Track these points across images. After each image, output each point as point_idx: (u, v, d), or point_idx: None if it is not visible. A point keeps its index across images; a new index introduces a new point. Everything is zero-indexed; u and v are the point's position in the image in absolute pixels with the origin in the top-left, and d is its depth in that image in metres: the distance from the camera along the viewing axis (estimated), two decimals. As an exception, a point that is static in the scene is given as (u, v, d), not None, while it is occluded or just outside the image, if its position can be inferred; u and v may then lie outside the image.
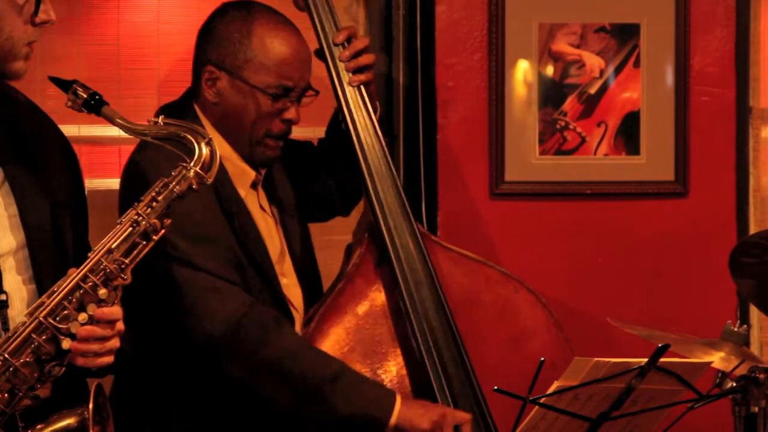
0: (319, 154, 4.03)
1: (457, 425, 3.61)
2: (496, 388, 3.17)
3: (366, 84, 3.82)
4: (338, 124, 3.89)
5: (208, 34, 3.74)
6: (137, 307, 3.14)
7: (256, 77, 3.67)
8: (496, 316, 3.86)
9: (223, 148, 3.66)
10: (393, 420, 3.56)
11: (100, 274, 2.90)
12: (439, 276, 3.81)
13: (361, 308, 3.79)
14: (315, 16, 3.81)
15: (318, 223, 4.07)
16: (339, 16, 3.86)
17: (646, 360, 3.08)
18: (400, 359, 3.76)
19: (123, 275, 2.93)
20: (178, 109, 3.60)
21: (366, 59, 3.83)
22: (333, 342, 3.72)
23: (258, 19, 3.71)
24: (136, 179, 3.39)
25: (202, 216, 3.56)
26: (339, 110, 3.85)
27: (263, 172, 3.80)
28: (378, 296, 3.81)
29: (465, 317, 3.79)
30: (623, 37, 4.47)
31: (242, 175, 3.74)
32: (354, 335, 3.75)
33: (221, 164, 3.58)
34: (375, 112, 3.83)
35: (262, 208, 3.79)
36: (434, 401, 3.70)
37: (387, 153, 3.82)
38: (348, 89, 3.81)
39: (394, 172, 3.83)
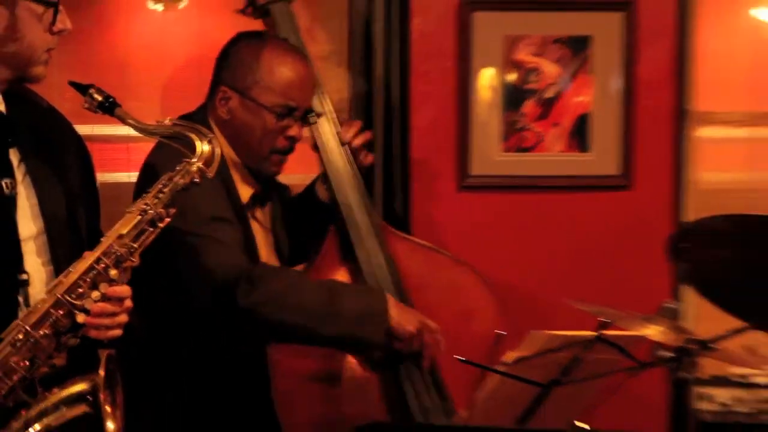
0: (294, 207, 4.03)
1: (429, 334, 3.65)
2: (462, 359, 3.20)
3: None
4: (314, 194, 3.92)
5: (223, 58, 3.77)
6: (148, 287, 3.15)
7: (264, 97, 3.70)
8: (446, 296, 3.88)
9: (233, 158, 3.73)
10: (391, 313, 3.59)
11: (112, 257, 2.92)
12: (396, 262, 3.83)
13: None
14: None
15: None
16: (307, 36, 3.95)
17: (593, 333, 3.13)
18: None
19: (132, 258, 2.95)
20: (195, 120, 3.62)
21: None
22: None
23: (267, 46, 3.75)
24: (149, 176, 3.40)
25: (220, 204, 3.61)
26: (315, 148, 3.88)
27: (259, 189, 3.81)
28: (342, 278, 3.83)
29: (419, 297, 3.81)
30: (577, 47, 4.50)
31: (245, 186, 3.76)
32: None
33: (229, 170, 3.64)
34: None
35: (256, 218, 3.81)
36: (397, 372, 3.72)
37: (351, 159, 3.86)
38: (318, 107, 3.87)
39: (358, 174, 3.86)
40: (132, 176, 3.65)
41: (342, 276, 3.83)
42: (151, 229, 2.98)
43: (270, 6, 3.89)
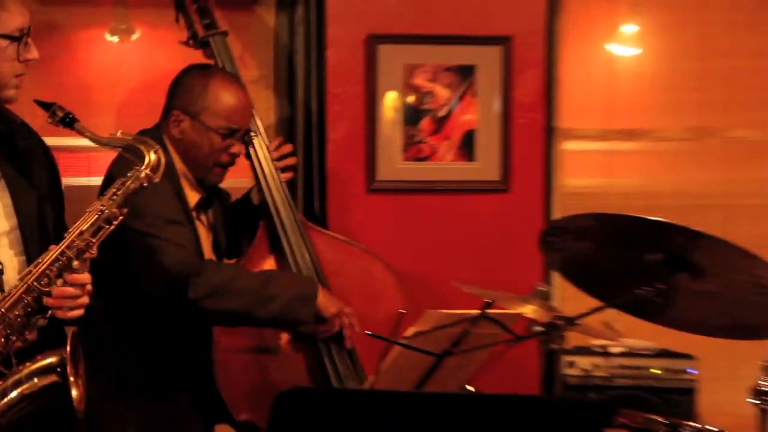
0: (233, 211, 3.99)
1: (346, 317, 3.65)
2: (370, 333, 3.22)
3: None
4: (249, 200, 3.91)
5: (176, 85, 3.72)
6: (106, 274, 3.13)
7: (211, 121, 3.65)
8: (357, 282, 3.86)
9: (182, 169, 3.69)
10: (319, 296, 3.58)
11: (74, 250, 2.90)
12: (316, 252, 3.82)
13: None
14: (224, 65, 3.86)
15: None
16: (240, 64, 3.93)
17: (478, 312, 3.13)
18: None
19: (91, 250, 2.93)
20: (151, 136, 3.57)
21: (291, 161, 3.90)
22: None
23: (214, 76, 3.71)
24: (109, 183, 3.35)
25: (174, 208, 3.57)
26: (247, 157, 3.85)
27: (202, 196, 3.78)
28: (271, 266, 3.81)
29: (335, 282, 3.80)
30: (464, 74, 4.49)
31: (192, 192, 3.72)
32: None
33: (180, 179, 3.60)
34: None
35: (200, 220, 3.76)
36: (318, 345, 3.71)
37: (273, 165, 3.84)
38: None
39: (279, 177, 3.84)
40: (92, 180, 3.62)
41: (270, 264, 3.81)
42: (107, 226, 2.96)
43: (209, 38, 3.86)
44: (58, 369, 2.83)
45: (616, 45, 4.75)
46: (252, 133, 3.80)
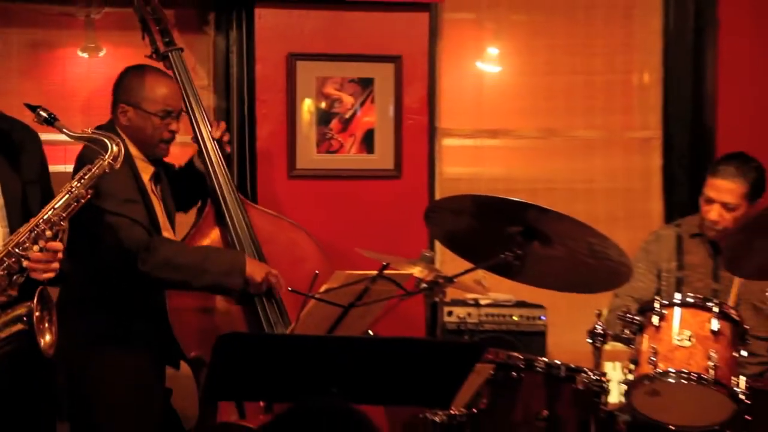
0: (179, 176, 3.90)
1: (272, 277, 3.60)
2: (291, 289, 3.19)
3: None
4: (193, 166, 3.83)
5: (119, 84, 3.66)
6: (76, 243, 3.15)
7: (150, 107, 3.59)
8: (285, 248, 3.81)
9: (134, 151, 3.60)
10: (247, 269, 3.52)
11: (48, 222, 2.88)
12: (252, 223, 3.75)
13: (206, 241, 3.73)
14: (180, 73, 3.81)
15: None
16: (193, 74, 3.88)
17: (376, 272, 3.09)
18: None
19: (62, 223, 2.90)
20: (107, 129, 3.50)
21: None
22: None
23: (147, 72, 3.65)
24: (78, 166, 3.27)
25: (131, 189, 3.50)
26: (193, 131, 3.77)
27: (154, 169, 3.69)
28: (216, 237, 3.74)
29: (267, 249, 3.74)
30: (364, 85, 4.43)
31: (145, 169, 3.64)
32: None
33: (133, 158, 3.53)
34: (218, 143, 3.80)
35: (153, 191, 3.67)
36: (252, 299, 3.65)
37: (221, 154, 3.77)
38: (199, 116, 3.78)
39: (224, 165, 3.77)
40: (68, 167, 3.55)
41: (216, 234, 3.73)
42: (76, 204, 2.94)
43: (168, 53, 3.81)
44: (25, 318, 2.79)
45: (483, 63, 4.75)
46: (183, 110, 3.72)
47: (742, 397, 3.32)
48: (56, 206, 2.90)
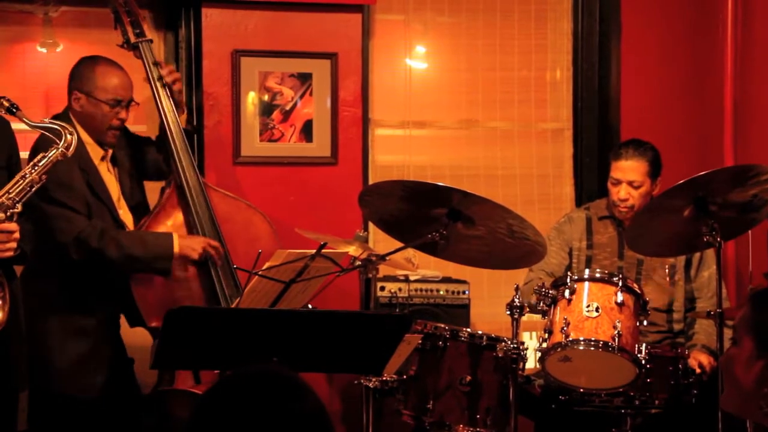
0: (155, 147, 3.85)
1: (212, 248, 3.55)
2: (234, 266, 3.15)
3: (177, 102, 3.71)
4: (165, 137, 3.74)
5: (74, 73, 3.59)
6: (33, 225, 3.09)
7: (101, 95, 3.54)
8: (242, 228, 3.77)
9: (85, 136, 3.53)
10: (176, 249, 3.49)
11: (3, 207, 2.83)
12: (211, 204, 3.70)
13: (169, 221, 3.67)
14: (148, 63, 3.71)
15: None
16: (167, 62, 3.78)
17: (315, 251, 3.06)
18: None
19: (16, 206, 2.86)
20: (61, 117, 3.45)
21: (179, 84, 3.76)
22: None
23: (99, 63, 3.59)
24: (34, 154, 3.20)
25: (67, 174, 3.42)
26: (159, 117, 3.69)
27: (110, 151, 3.63)
28: (178, 216, 3.68)
29: (225, 228, 3.70)
30: (304, 79, 4.38)
31: (95, 151, 3.57)
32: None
33: (83, 143, 3.48)
34: (181, 113, 3.73)
35: (108, 170, 3.62)
36: (208, 271, 3.61)
37: (186, 140, 3.71)
38: (165, 104, 3.68)
39: (189, 149, 3.72)
40: (26, 154, 3.45)
41: (179, 213, 3.68)
42: (30, 189, 2.90)
43: (138, 44, 3.72)
44: None
45: (411, 60, 4.73)
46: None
47: (643, 362, 3.37)
48: (10, 191, 2.85)
